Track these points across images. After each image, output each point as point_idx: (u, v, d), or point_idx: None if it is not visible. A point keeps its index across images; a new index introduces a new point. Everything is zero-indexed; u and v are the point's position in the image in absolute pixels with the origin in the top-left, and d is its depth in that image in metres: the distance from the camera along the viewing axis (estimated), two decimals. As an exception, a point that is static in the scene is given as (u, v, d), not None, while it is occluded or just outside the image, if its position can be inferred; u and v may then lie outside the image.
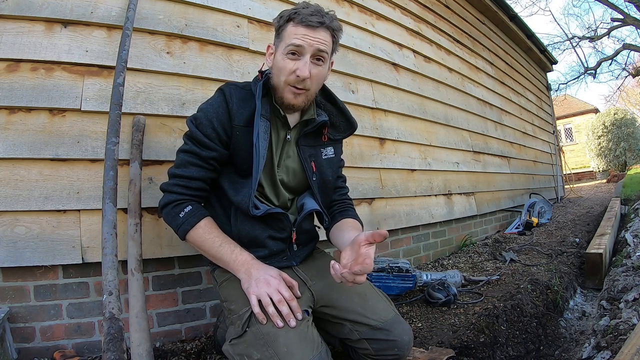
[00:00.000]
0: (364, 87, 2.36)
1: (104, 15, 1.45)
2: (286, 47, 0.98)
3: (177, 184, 1.03)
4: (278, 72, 1.02)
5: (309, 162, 1.13)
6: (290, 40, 0.98)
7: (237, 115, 1.03)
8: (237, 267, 0.99)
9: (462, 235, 3.05)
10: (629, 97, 19.63)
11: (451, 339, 1.36)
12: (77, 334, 1.30)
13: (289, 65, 0.99)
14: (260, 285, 0.93)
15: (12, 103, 1.28)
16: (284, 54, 0.99)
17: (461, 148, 3.20)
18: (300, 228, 1.14)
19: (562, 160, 7.33)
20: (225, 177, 1.09)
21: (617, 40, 18.83)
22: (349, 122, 1.20)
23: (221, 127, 1.02)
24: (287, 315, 0.89)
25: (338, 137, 1.20)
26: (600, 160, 14.29)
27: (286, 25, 1.00)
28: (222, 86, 1.08)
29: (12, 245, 1.23)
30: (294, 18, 0.98)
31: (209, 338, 1.45)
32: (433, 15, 3.30)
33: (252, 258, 1.01)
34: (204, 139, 1.02)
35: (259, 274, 0.96)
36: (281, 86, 1.02)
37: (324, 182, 1.16)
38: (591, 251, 2.35)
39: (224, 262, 1.01)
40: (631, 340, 1.12)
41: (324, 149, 1.17)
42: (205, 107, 1.05)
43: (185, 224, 1.00)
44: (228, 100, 1.03)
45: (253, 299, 0.91)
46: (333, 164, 1.20)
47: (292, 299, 0.93)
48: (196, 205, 1.04)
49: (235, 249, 1.01)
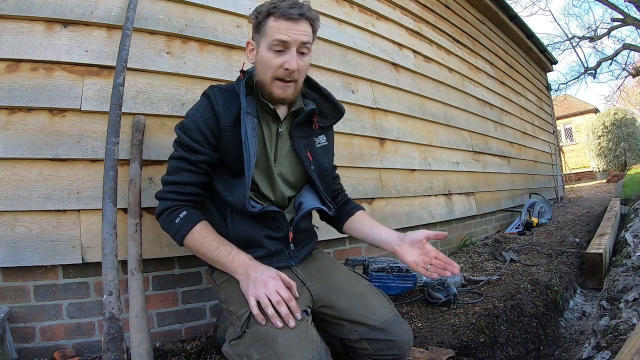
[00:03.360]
0: (364, 87, 2.36)
1: (104, 15, 1.45)
2: (271, 42, 0.98)
3: (171, 191, 1.04)
4: (264, 68, 1.02)
5: (305, 152, 1.14)
6: (274, 35, 0.98)
7: (223, 117, 1.04)
8: (235, 269, 0.99)
9: (462, 235, 3.05)
10: (629, 97, 19.62)
11: (451, 339, 1.36)
12: (77, 334, 1.30)
13: (275, 60, 0.99)
14: (258, 287, 0.92)
15: (12, 103, 1.28)
16: (268, 50, 0.99)
17: (461, 148, 3.20)
18: (297, 227, 1.14)
19: (562, 160, 7.33)
20: (219, 179, 1.09)
21: (617, 40, 18.82)
22: (336, 108, 1.21)
23: (209, 130, 1.03)
24: (286, 316, 0.89)
25: (328, 124, 1.22)
26: (600, 160, 14.28)
27: (266, 20, 0.99)
28: (206, 90, 1.09)
29: (12, 245, 1.23)
30: (274, 12, 0.98)
31: (209, 338, 1.45)
32: (433, 15, 3.30)
33: (249, 259, 1.00)
34: (192, 143, 1.03)
35: (256, 275, 0.95)
36: (268, 82, 1.02)
37: (322, 171, 1.17)
38: (591, 251, 2.35)
39: (221, 264, 1.01)
40: (631, 340, 1.12)
41: (316, 138, 1.18)
42: (191, 112, 1.06)
43: (181, 229, 1.00)
44: (213, 102, 1.04)
45: (252, 300, 0.91)
46: (328, 152, 1.22)
47: (291, 299, 0.92)
48: (191, 210, 1.04)
49: (232, 250, 1.01)
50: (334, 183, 1.30)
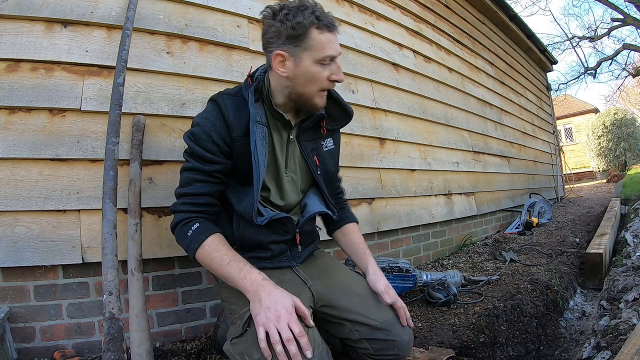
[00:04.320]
0: (364, 87, 2.36)
1: (104, 15, 1.45)
2: (321, 57, 0.97)
3: (184, 203, 1.00)
4: (310, 81, 0.99)
5: (312, 156, 1.13)
6: (325, 51, 0.96)
7: (235, 126, 1.00)
8: (246, 287, 0.92)
9: (462, 235, 3.05)
10: (629, 97, 19.62)
11: (451, 339, 1.36)
12: (77, 334, 1.30)
13: (324, 73, 0.99)
14: (269, 318, 0.86)
15: (12, 103, 1.28)
16: (315, 64, 0.98)
17: (461, 148, 3.20)
18: (302, 229, 1.13)
19: (562, 160, 7.32)
20: (228, 186, 1.07)
21: (617, 40, 18.85)
22: (345, 111, 1.19)
23: (221, 140, 1.00)
24: (295, 355, 0.83)
25: (336, 127, 1.21)
26: (600, 160, 14.29)
27: (308, 32, 0.95)
28: (214, 97, 1.05)
29: (12, 245, 1.23)
30: (317, 23, 0.95)
31: (209, 338, 1.45)
32: (433, 15, 3.30)
33: (262, 278, 0.93)
34: (205, 154, 0.99)
35: (269, 302, 0.88)
36: (313, 94, 1.01)
37: (328, 175, 1.17)
38: (591, 251, 2.34)
39: (232, 281, 0.95)
40: (631, 340, 1.12)
41: (323, 142, 1.17)
42: (201, 121, 1.02)
43: (193, 242, 0.96)
44: (224, 111, 1.01)
45: (261, 332, 0.85)
46: (334, 155, 1.21)
47: (303, 335, 0.85)
48: (204, 222, 0.99)
49: (244, 267, 0.94)
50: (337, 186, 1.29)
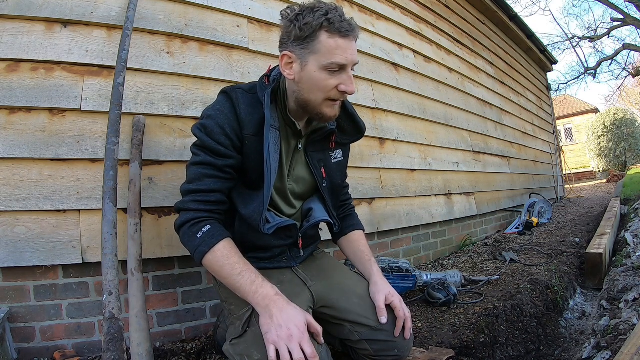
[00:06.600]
0: (364, 87, 2.36)
1: (104, 15, 1.45)
2: (327, 64, 0.90)
3: (194, 200, 0.94)
4: (314, 88, 0.93)
5: (319, 168, 1.10)
6: (333, 57, 0.89)
7: (246, 123, 0.96)
8: (257, 302, 0.88)
9: (462, 235, 3.05)
10: (629, 97, 19.63)
11: (451, 339, 1.36)
12: (77, 334, 1.30)
13: (330, 81, 0.92)
14: (281, 336, 0.82)
15: (12, 103, 1.28)
16: (321, 70, 0.91)
17: (461, 148, 3.19)
18: (305, 234, 1.13)
19: (562, 160, 7.32)
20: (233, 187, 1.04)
21: (617, 40, 18.83)
22: (358, 127, 1.15)
23: (234, 134, 0.95)
24: None
25: (346, 141, 1.17)
26: (600, 160, 14.29)
27: (317, 35, 0.89)
28: (226, 89, 1.00)
29: (12, 245, 1.22)
30: (327, 27, 0.88)
31: (209, 338, 1.45)
32: (433, 15, 3.30)
33: (275, 293, 0.89)
34: (218, 147, 0.94)
35: (281, 320, 0.84)
36: (318, 102, 0.95)
37: (333, 187, 1.14)
38: (591, 251, 2.35)
39: (242, 293, 0.90)
40: (631, 340, 1.12)
41: (332, 153, 1.14)
42: (213, 113, 0.96)
43: (202, 245, 0.90)
44: (236, 106, 0.96)
45: (271, 350, 0.82)
46: (342, 167, 1.18)
47: (315, 357, 0.82)
48: (215, 225, 0.94)
49: (256, 279, 0.89)
50: (343, 194, 1.26)
